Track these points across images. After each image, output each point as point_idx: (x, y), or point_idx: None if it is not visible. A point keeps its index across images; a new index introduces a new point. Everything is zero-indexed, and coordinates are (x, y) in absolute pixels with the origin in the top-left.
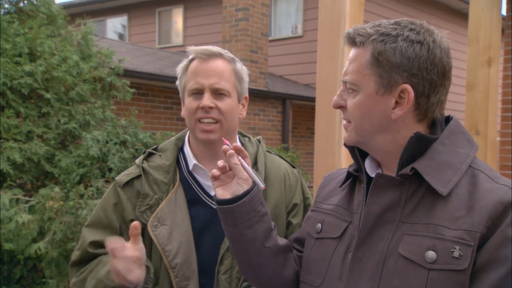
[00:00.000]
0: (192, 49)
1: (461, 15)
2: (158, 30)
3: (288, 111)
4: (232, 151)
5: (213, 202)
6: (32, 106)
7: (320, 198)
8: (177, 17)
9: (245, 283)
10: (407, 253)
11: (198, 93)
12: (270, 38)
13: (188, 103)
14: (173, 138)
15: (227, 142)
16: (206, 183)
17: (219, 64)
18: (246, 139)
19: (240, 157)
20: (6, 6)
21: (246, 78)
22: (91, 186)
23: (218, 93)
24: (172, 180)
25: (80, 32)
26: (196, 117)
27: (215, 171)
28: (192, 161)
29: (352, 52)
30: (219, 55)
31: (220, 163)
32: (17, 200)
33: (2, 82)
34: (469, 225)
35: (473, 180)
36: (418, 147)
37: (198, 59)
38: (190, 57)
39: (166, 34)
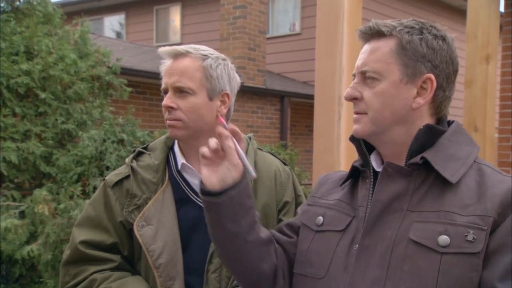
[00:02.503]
0: (160, 50)
1: (459, 12)
2: (155, 28)
3: (286, 109)
4: (227, 132)
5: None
6: (29, 105)
7: (319, 194)
8: (175, 15)
9: (235, 282)
10: (419, 238)
11: (166, 92)
12: (268, 36)
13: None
14: (163, 137)
15: (223, 122)
16: (195, 182)
17: (183, 62)
18: None
19: (234, 140)
20: (2, 4)
21: (219, 74)
22: (89, 184)
23: (180, 91)
24: (161, 179)
25: (77, 31)
26: (165, 117)
27: (206, 151)
28: (180, 160)
29: (369, 45)
30: (185, 54)
31: (213, 144)
32: (7, 206)
33: None
34: (482, 211)
35: (480, 172)
36: (428, 138)
37: (167, 59)
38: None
39: (164, 32)
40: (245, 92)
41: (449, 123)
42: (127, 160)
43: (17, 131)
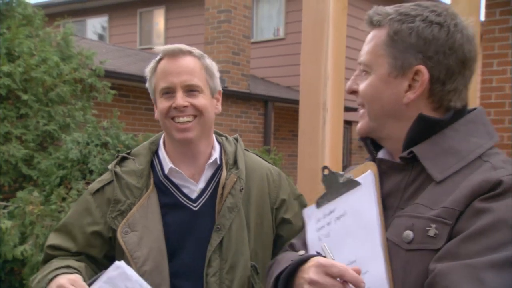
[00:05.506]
0: (159, 48)
1: None
2: (139, 31)
3: (270, 113)
4: None
5: (193, 204)
6: (10, 107)
7: None
8: (159, 18)
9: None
10: (390, 235)
11: (169, 92)
12: (252, 40)
13: (160, 103)
14: (146, 142)
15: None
16: (185, 185)
17: (189, 61)
18: (223, 138)
19: None
20: None
21: (217, 73)
22: (71, 188)
23: (190, 90)
24: (146, 184)
25: (60, 33)
26: (170, 116)
27: None
28: (168, 164)
29: (369, 35)
30: (187, 53)
31: None
32: None
33: None
34: (449, 203)
35: (475, 170)
36: (422, 130)
37: (167, 58)
38: (158, 57)
39: (148, 35)
40: (229, 96)
41: (470, 111)
42: (110, 166)
43: None
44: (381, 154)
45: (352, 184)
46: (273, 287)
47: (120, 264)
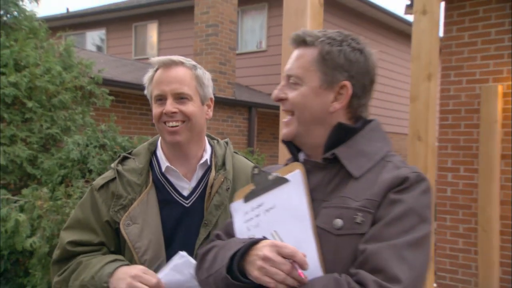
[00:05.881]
0: (154, 59)
1: (405, 36)
2: (134, 43)
3: (254, 118)
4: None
5: (185, 201)
6: (16, 112)
7: None
8: (152, 32)
9: None
10: (320, 223)
11: (161, 99)
12: (237, 52)
13: (154, 109)
14: (146, 143)
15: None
16: (179, 183)
17: (179, 71)
18: (215, 141)
19: None
20: None
21: (208, 82)
22: (72, 186)
23: (180, 98)
24: (145, 181)
25: (62, 45)
26: (162, 121)
27: None
28: (164, 163)
29: (297, 52)
30: (179, 63)
31: None
32: (7, 199)
33: None
34: (370, 195)
35: (382, 168)
36: (340, 135)
37: (161, 68)
38: (155, 67)
39: (142, 47)
40: (216, 102)
41: (369, 122)
42: (112, 164)
43: (4, 136)
44: (301, 156)
45: (281, 181)
46: (227, 267)
47: (184, 253)
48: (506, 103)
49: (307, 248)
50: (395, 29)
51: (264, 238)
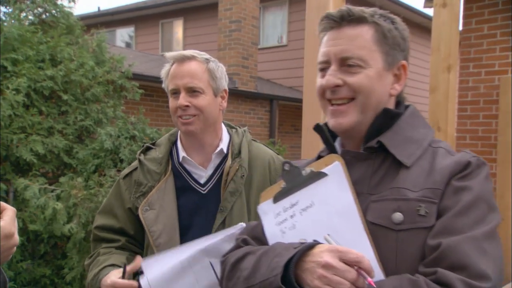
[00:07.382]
0: (168, 55)
1: (424, 29)
2: (161, 40)
3: (275, 110)
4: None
5: (202, 188)
6: (53, 105)
7: None
8: (178, 28)
9: None
10: (375, 219)
11: (176, 93)
12: (259, 47)
13: (170, 102)
14: (167, 134)
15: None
16: (196, 171)
17: (192, 65)
18: (234, 130)
19: None
20: (30, 17)
21: (221, 75)
22: (104, 175)
23: (192, 91)
24: (164, 170)
25: (95, 41)
26: (177, 115)
27: None
28: (181, 153)
29: (342, 32)
30: (192, 58)
31: None
32: (45, 189)
33: (27, 85)
34: (432, 184)
35: (434, 155)
36: (385, 121)
37: (176, 63)
38: (171, 62)
39: (168, 43)
40: (239, 95)
41: (406, 107)
42: (137, 154)
43: (42, 128)
44: (337, 146)
45: (317, 175)
46: (282, 275)
47: (243, 225)
48: None
49: (361, 248)
50: (413, 23)
51: (316, 241)
